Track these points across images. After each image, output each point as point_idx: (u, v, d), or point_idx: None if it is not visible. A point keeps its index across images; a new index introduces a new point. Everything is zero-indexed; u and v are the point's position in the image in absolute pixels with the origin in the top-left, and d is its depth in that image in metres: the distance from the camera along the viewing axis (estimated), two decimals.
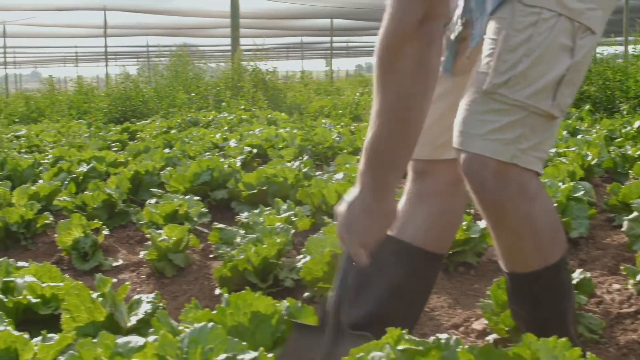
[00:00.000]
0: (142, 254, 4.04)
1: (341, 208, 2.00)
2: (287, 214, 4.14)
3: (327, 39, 35.47)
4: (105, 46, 28.47)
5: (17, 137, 10.28)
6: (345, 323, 1.98)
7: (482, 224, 3.63)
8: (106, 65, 29.13)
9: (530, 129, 1.86)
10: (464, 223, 3.59)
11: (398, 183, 2.03)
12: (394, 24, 1.81)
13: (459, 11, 2.11)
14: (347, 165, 5.60)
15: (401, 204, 2.34)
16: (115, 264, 4.13)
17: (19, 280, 2.90)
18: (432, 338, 2.03)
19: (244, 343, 1.87)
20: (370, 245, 1.99)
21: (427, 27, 1.82)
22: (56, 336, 2.14)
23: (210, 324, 1.92)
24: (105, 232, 4.39)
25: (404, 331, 1.89)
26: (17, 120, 15.51)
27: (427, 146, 2.22)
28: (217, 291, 3.56)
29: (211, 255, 4.14)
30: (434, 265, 2.42)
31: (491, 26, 1.90)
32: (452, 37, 2.13)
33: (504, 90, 1.84)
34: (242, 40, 18.36)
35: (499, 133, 1.85)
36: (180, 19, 29.26)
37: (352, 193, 1.99)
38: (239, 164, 5.95)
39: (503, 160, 1.85)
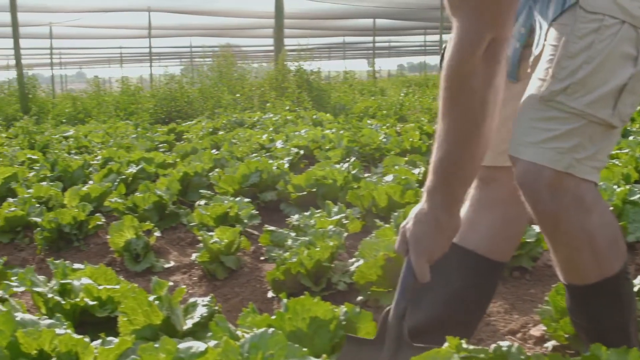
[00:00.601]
0: (193, 256, 4.05)
1: (408, 225, 1.98)
2: (338, 217, 4.12)
3: (370, 38, 35.40)
4: (150, 47, 28.77)
5: (66, 138, 10.40)
6: (407, 335, 1.96)
7: (537, 228, 3.58)
8: (150, 66, 29.43)
9: (588, 138, 1.81)
10: None
11: (465, 196, 2.01)
12: (462, 49, 1.78)
13: (523, 18, 2.07)
14: (396, 167, 5.56)
15: (464, 210, 2.31)
16: (166, 265, 4.15)
17: (75, 283, 2.93)
18: (492, 346, 2.01)
19: (305, 349, 1.86)
20: (434, 260, 1.97)
21: (493, 48, 1.79)
22: (115, 339, 2.15)
23: (271, 329, 1.91)
24: (157, 233, 4.41)
25: (462, 340, 1.86)
26: (64, 120, 15.68)
27: (491, 152, 2.18)
28: (270, 294, 3.56)
29: (262, 258, 4.14)
30: (496, 273, 2.38)
31: (552, 33, 1.86)
32: (518, 44, 2.10)
33: (562, 98, 1.80)
34: (285, 41, 18.40)
35: (555, 141, 1.80)
36: (223, 20, 29.45)
37: (419, 210, 1.97)
38: (286, 165, 5.94)
39: (558, 170, 1.81)
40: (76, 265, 3.13)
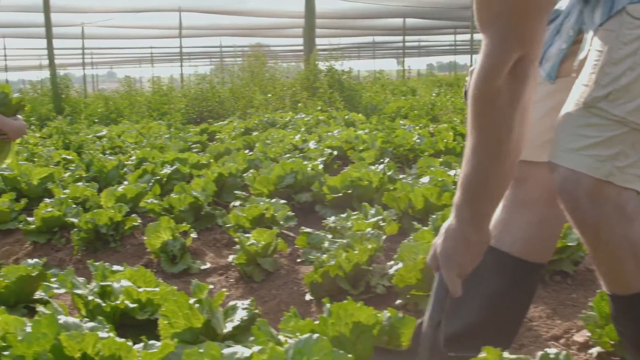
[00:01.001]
0: (230, 257, 4.05)
1: (439, 241, 1.96)
2: (375, 219, 4.09)
3: (399, 38, 35.23)
4: (180, 47, 28.86)
5: (99, 138, 10.46)
6: (442, 346, 1.93)
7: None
8: (181, 66, 29.53)
9: (630, 145, 1.77)
10: None
11: (494, 212, 1.98)
12: (491, 65, 1.75)
13: (573, 20, 2.04)
14: (432, 169, 5.52)
15: (498, 211, 2.27)
16: (203, 267, 4.16)
17: (115, 285, 2.93)
18: (539, 353, 1.97)
19: (350, 355, 1.84)
20: (466, 274, 1.95)
21: (522, 65, 1.76)
22: (158, 343, 2.14)
23: (315, 335, 1.89)
24: (193, 235, 4.41)
25: (504, 352, 1.83)
26: (96, 120, 15.76)
27: (526, 147, 2.16)
28: (308, 297, 3.54)
29: (299, 260, 4.12)
30: (534, 276, 2.34)
31: (598, 38, 1.83)
32: (564, 45, 2.06)
33: (603, 104, 1.76)
34: (315, 40, 18.38)
35: (596, 149, 1.77)
36: (253, 20, 29.50)
37: (448, 225, 1.94)
38: (320, 166, 5.91)
39: (597, 178, 1.77)
40: (115, 267, 3.14)
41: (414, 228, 3.89)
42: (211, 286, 2.90)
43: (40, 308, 2.58)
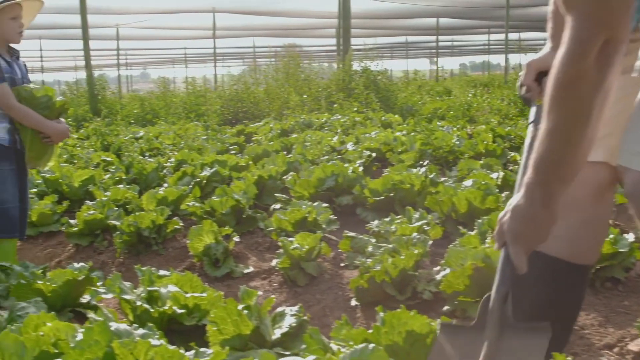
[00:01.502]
0: (273, 261, 4.02)
1: (505, 218, 1.92)
2: (419, 223, 4.04)
3: (432, 38, 35.07)
4: (214, 47, 28.97)
5: (137, 140, 10.48)
6: (512, 317, 1.89)
7: (630, 237, 3.46)
8: (214, 66, 29.64)
9: None
10: (611, 236, 3.42)
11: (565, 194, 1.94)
12: (576, 47, 1.71)
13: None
14: (474, 172, 5.46)
15: None
16: (246, 271, 4.14)
17: (162, 290, 2.92)
18: None
19: None
20: (532, 250, 1.91)
21: (607, 50, 1.71)
22: (209, 350, 2.13)
23: (371, 345, 1.87)
24: (236, 238, 4.39)
25: (569, 358, 1.79)
26: (132, 121, 15.82)
27: None
28: (353, 302, 3.51)
29: (342, 264, 4.08)
30: (582, 278, 2.30)
31: None
32: None
33: None
34: (350, 41, 18.34)
35: None
36: (286, 20, 29.53)
37: (517, 203, 1.90)
38: (360, 169, 5.87)
39: None
40: (162, 272, 3.12)
41: (459, 232, 3.84)
42: (260, 293, 2.88)
43: (91, 315, 2.58)
